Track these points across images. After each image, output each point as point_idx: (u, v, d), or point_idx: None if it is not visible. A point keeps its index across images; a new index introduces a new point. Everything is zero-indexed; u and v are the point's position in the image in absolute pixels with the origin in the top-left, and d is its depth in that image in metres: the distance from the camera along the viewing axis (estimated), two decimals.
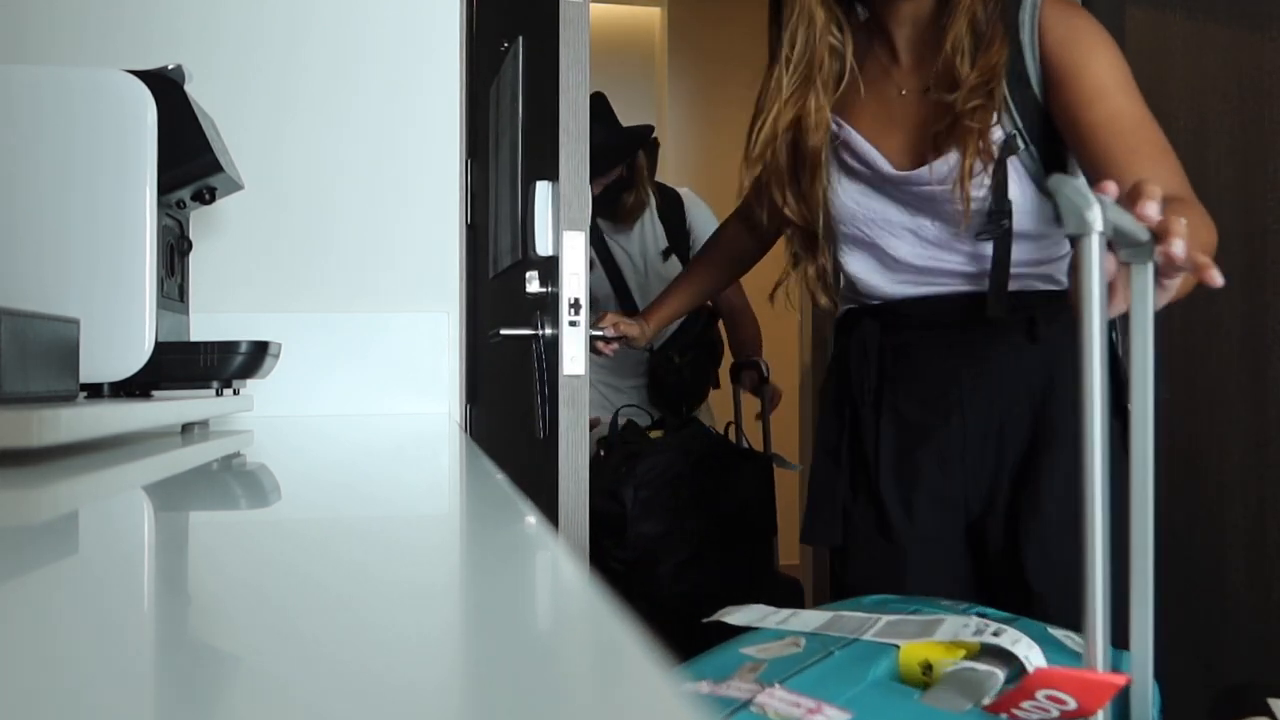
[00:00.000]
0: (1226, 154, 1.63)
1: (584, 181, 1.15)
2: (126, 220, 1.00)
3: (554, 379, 1.15)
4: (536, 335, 1.23)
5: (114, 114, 1.00)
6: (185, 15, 1.53)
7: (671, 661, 0.24)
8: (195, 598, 0.35)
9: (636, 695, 0.22)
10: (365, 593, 0.34)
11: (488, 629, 0.29)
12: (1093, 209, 0.65)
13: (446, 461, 0.90)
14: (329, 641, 0.27)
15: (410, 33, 1.59)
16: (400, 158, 1.58)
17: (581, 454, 1.13)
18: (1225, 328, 1.62)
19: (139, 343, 1.00)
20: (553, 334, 1.17)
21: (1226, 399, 1.61)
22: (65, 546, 0.44)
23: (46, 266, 0.98)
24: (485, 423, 1.68)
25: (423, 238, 1.59)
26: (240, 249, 1.54)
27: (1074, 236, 0.66)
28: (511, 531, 0.48)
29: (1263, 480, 1.56)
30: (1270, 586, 1.54)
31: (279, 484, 0.74)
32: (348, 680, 0.23)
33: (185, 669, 0.25)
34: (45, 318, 0.80)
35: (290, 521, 0.55)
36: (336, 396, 1.53)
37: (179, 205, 1.20)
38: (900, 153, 1.25)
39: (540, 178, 1.21)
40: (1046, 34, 1.17)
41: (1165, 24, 1.77)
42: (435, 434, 1.19)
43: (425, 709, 0.21)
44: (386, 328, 1.55)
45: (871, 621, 0.84)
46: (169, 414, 0.93)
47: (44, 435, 0.62)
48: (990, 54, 1.16)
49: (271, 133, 1.55)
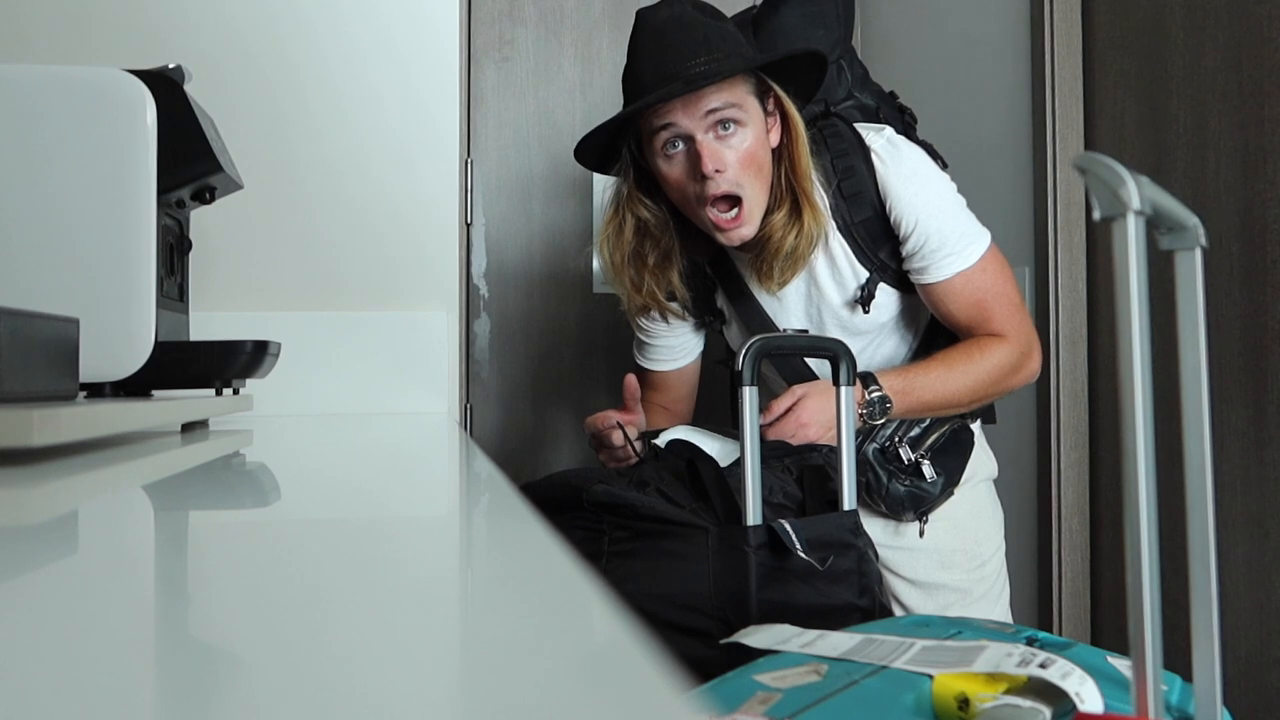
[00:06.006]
0: (1226, 154, 1.63)
1: None
2: (126, 220, 0.99)
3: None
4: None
5: (114, 114, 1.00)
6: (185, 15, 1.53)
7: (683, 677, 0.24)
8: (195, 598, 0.35)
9: (636, 696, 0.22)
10: (365, 593, 0.34)
11: (488, 629, 0.29)
12: (1127, 186, 0.57)
13: (446, 461, 0.90)
14: (328, 642, 0.27)
15: (410, 32, 1.59)
16: (400, 157, 1.58)
17: None
18: (1225, 328, 1.62)
19: (139, 342, 1.00)
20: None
21: (1227, 399, 1.61)
22: (65, 546, 0.44)
23: (46, 266, 0.98)
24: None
25: (423, 237, 1.59)
26: (240, 249, 1.54)
27: (1107, 219, 0.58)
28: (512, 531, 0.48)
29: (1263, 480, 1.56)
30: (1270, 586, 1.54)
31: (279, 484, 0.74)
32: (347, 681, 0.23)
33: (185, 669, 0.25)
34: (45, 317, 0.80)
35: (290, 521, 0.55)
36: (336, 396, 1.53)
37: (179, 205, 1.20)
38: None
39: None
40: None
41: (1165, 23, 1.77)
42: (435, 433, 1.19)
43: (425, 710, 0.21)
44: (386, 327, 1.55)
45: (905, 647, 0.76)
46: (169, 414, 0.93)
47: (44, 435, 0.61)
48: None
49: (271, 133, 1.55)
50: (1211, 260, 1.63)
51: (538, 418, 2.23)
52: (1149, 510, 0.59)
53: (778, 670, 0.74)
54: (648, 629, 0.27)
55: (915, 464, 1.41)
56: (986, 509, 1.53)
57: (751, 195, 1.32)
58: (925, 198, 1.36)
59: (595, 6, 2.26)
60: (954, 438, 1.45)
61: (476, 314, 2.21)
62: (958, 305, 1.38)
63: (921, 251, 1.36)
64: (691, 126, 1.30)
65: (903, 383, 1.35)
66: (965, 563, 1.47)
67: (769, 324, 1.46)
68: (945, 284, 1.37)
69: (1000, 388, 1.41)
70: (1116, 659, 0.80)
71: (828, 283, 1.41)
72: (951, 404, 1.39)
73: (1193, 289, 0.68)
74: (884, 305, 1.42)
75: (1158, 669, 0.59)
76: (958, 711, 0.68)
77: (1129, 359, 0.58)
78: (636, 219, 1.40)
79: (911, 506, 1.42)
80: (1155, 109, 1.81)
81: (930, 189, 1.37)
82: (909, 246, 1.37)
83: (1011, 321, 1.39)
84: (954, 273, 1.36)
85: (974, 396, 1.39)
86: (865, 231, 1.37)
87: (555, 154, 2.23)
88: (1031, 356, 1.42)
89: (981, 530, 1.50)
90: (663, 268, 1.42)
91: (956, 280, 1.37)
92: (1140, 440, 0.58)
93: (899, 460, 1.41)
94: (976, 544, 1.48)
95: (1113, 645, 1.16)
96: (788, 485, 1.30)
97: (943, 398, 1.37)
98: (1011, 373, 1.40)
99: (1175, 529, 0.82)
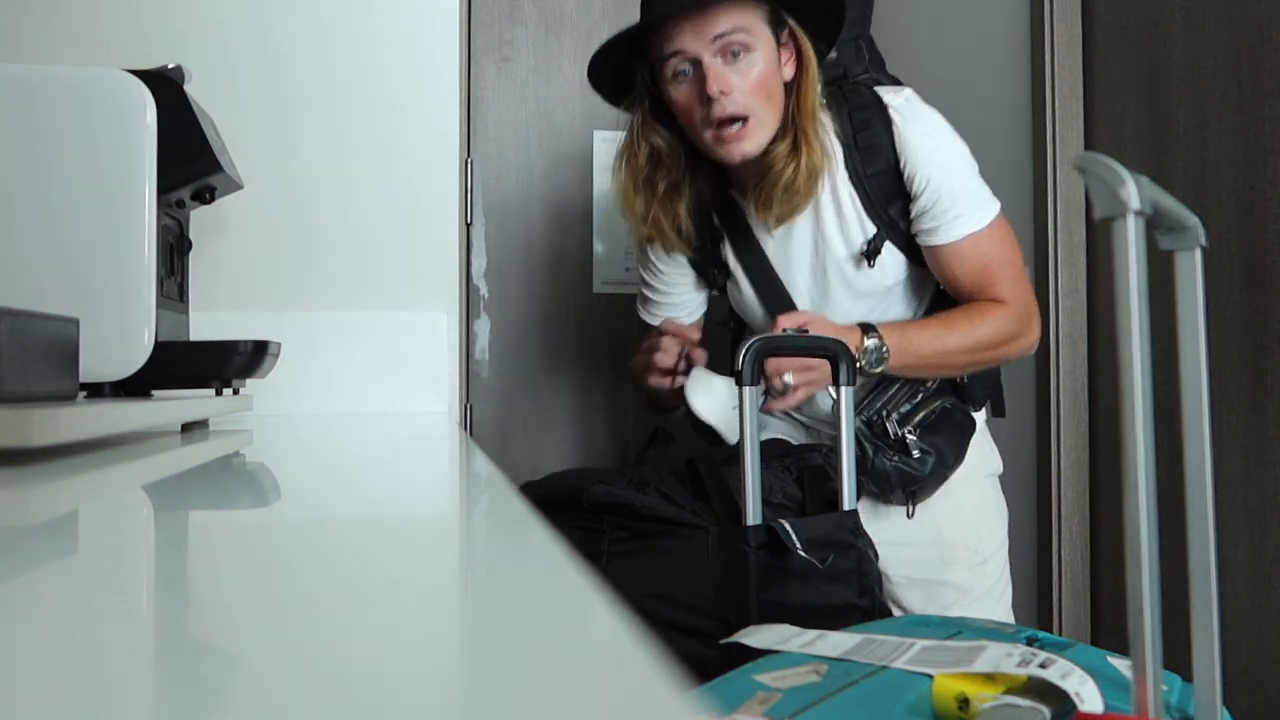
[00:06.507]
0: (1226, 154, 1.63)
1: None
2: (126, 220, 0.99)
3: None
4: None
5: (114, 114, 1.00)
6: (185, 15, 1.53)
7: (684, 678, 0.24)
8: (195, 598, 0.35)
9: (636, 696, 0.22)
10: (364, 593, 0.34)
11: (488, 629, 0.29)
12: (1127, 186, 0.56)
13: (446, 461, 0.90)
14: (328, 642, 0.27)
15: (410, 32, 1.59)
16: (400, 157, 1.58)
17: None
18: (1225, 328, 1.62)
19: (139, 342, 1.00)
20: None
21: (1227, 399, 1.61)
22: (65, 546, 0.44)
23: (46, 266, 0.98)
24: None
25: (423, 237, 1.59)
26: (240, 249, 1.54)
27: (1107, 219, 0.57)
28: (512, 531, 0.48)
29: (1263, 480, 1.56)
30: (1270, 586, 1.54)
31: (279, 484, 0.74)
32: (347, 681, 0.23)
33: (185, 669, 0.25)
34: (45, 317, 0.80)
35: (290, 521, 0.55)
36: (336, 396, 1.53)
37: (179, 205, 1.20)
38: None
39: None
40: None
41: (1165, 23, 1.77)
42: (435, 433, 1.19)
43: (425, 710, 0.21)
44: (386, 328, 1.55)
45: (905, 647, 0.75)
46: (169, 414, 0.93)
47: (44, 435, 0.61)
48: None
49: (271, 133, 1.55)
50: (1211, 260, 1.63)
51: (538, 418, 2.23)
52: (1149, 510, 0.59)
53: (778, 670, 0.73)
54: (648, 629, 0.27)
55: (901, 439, 1.40)
56: (990, 504, 1.52)
57: (759, 114, 1.33)
58: (941, 156, 1.37)
59: (595, 6, 2.26)
60: (946, 416, 1.44)
61: (476, 314, 2.21)
62: (963, 269, 1.39)
63: (932, 211, 1.37)
64: (699, 49, 1.31)
65: (900, 335, 1.36)
66: (967, 558, 1.47)
67: (774, 277, 1.46)
68: (953, 246, 1.38)
69: (997, 353, 1.41)
70: (1116, 659, 0.80)
71: (834, 235, 1.41)
72: (947, 363, 1.39)
73: (1193, 289, 0.68)
74: (890, 268, 1.42)
75: (1158, 669, 0.59)
76: (958, 711, 0.68)
77: (1129, 359, 0.58)
78: (650, 146, 1.41)
79: (900, 485, 1.41)
80: (1155, 109, 1.81)
81: (946, 148, 1.38)
82: (920, 204, 1.37)
83: (1015, 290, 1.40)
84: (964, 235, 1.37)
85: (971, 359, 1.40)
86: (877, 185, 1.38)
87: (555, 154, 2.23)
88: (1031, 327, 1.43)
89: (984, 526, 1.49)
90: (671, 198, 1.43)
91: (965, 243, 1.38)
92: (1140, 440, 0.58)
93: (886, 436, 1.41)
94: (979, 539, 1.48)
95: (1113, 645, 1.16)
96: (788, 485, 1.30)
97: (939, 355, 1.37)
98: (1010, 340, 1.40)
99: (1175, 529, 0.82)
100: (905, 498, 1.43)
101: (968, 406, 1.48)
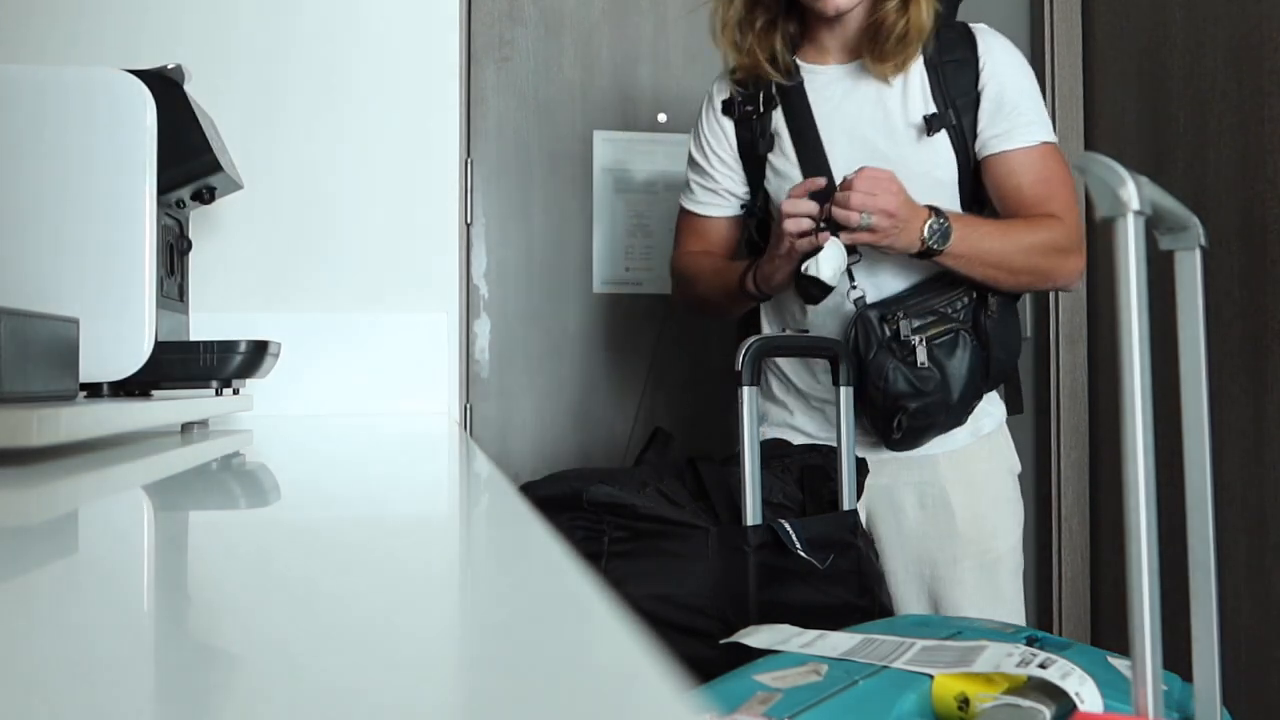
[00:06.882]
0: (1226, 154, 1.63)
1: None
2: (126, 220, 0.99)
3: None
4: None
5: (113, 113, 1.00)
6: (185, 15, 1.53)
7: (684, 678, 0.24)
8: (194, 598, 0.35)
9: (636, 696, 0.22)
10: (364, 593, 0.34)
11: (487, 629, 0.29)
12: (1127, 186, 0.57)
13: (446, 461, 0.90)
14: (328, 642, 0.27)
15: (410, 32, 1.59)
16: (400, 157, 1.58)
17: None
18: (1225, 328, 1.62)
19: (139, 342, 1.00)
20: None
21: (1227, 399, 1.61)
22: (65, 546, 0.44)
23: (46, 266, 0.98)
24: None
25: (423, 238, 1.59)
26: (240, 249, 1.54)
27: (1107, 219, 0.58)
28: (512, 531, 0.48)
29: (1263, 480, 1.56)
30: (1270, 586, 1.54)
31: (278, 484, 0.74)
32: (347, 681, 0.23)
33: (185, 669, 0.25)
34: (45, 317, 0.80)
35: (290, 521, 0.55)
36: (336, 396, 1.53)
37: (179, 205, 1.20)
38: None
39: None
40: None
41: (1165, 23, 1.77)
42: (435, 433, 1.19)
43: (425, 710, 0.21)
44: (386, 328, 1.55)
45: (905, 647, 0.75)
46: (169, 414, 0.93)
47: (44, 435, 0.61)
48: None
49: (271, 133, 1.55)
50: (1211, 260, 1.63)
51: (538, 418, 2.23)
52: (1149, 510, 0.59)
53: (778, 670, 0.73)
54: (648, 629, 0.27)
55: (910, 346, 1.36)
56: (1009, 502, 1.48)
57: None
58: (1018, 69, 1.44)
59: (595, 6, 2.26)
60: (959, 340, 1.38)
61: (476, 314, 2.21)
62: (1029, 178, 1.40)
63: (1008, 111, 1.40)
64: None
65: (965, 223, 1.35)
66: (978, 555, 1.42)
67: (820, 153, 1.46)
68: (1025, 152, 1.40)
69: (1048, 264, 1.40)
70: (1116, 659, 0.80)
71: (896, 107, 1.43)
72: (1004, 263, 1.37)
73: (1193, 289, 0.68)
74: (942, 154, 1.43)
75: (1158, 669, 0.59)
76: (958, 711, 0.68)
77: (1129, 359, 0.58)
78: None
79: (897, 397, 1.34)
80: (1155, 109, 1.81)
81: (1023, 68, 1.45)
82: (994, 104, 1.41)
83: (1071, 211, 1.42)
84: (1037, 140, 1.40)
85: (1025, 263, 1.38)
86: (951, 73, 1.43)
87: (555, 154, 2.23)
88: (1080, 251, 1.43)
89: (1001, 523, 1.45)
90: (768, 33, 1.48)
91: (1035, 151, 1.40)
92: (1140, 440, 0.58)
93: (897, 336, 1.36)
94: (993, 537, 1.43)
95: (1113, 645, 1.15)
96: (788, 485, 1.30)
97: (997, 253, 1.36)
98: (1061, 254, 1.40)
99: (1175, 529, 0.82)
100: (897, 426, 1.36)
101: (985, 347, 1.42)
